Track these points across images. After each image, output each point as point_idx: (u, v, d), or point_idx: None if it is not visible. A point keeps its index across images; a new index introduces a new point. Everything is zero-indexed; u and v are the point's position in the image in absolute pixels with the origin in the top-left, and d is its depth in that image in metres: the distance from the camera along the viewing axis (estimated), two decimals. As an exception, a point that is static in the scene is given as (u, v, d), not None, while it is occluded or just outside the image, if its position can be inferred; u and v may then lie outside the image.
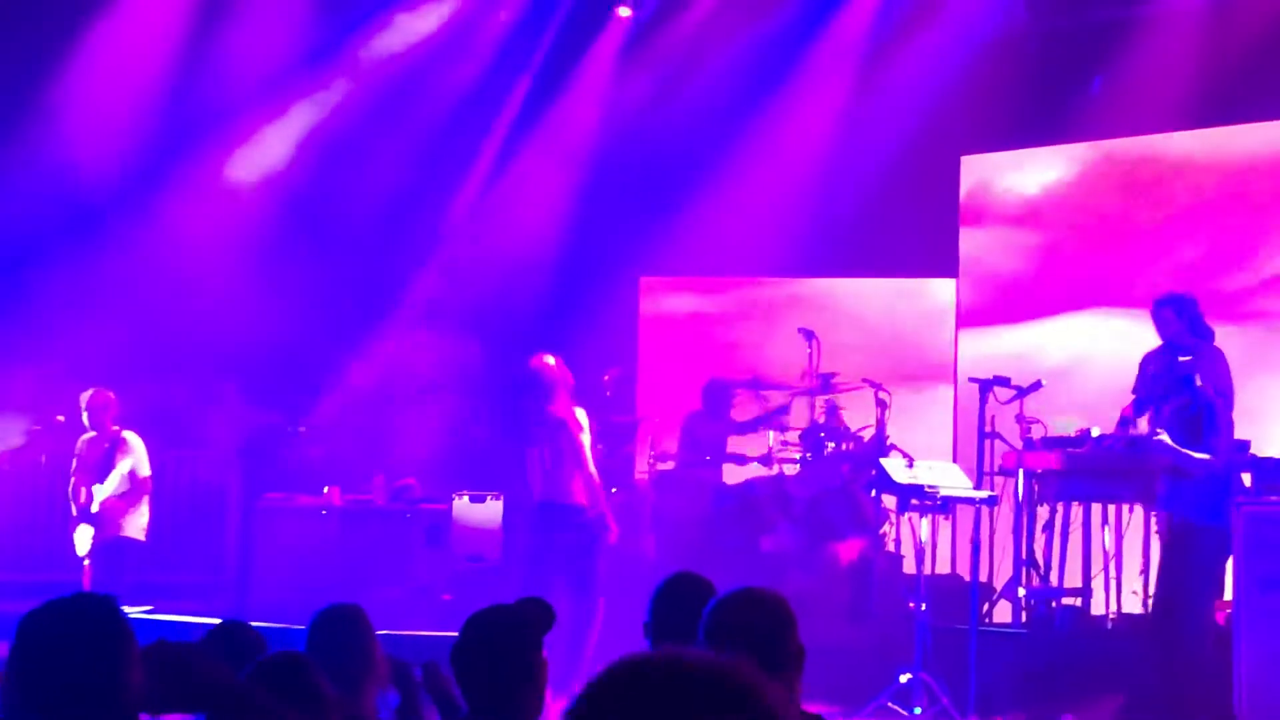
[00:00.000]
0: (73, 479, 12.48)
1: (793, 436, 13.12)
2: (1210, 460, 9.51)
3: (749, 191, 15.38)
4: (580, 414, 11.38)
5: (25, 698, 3.55)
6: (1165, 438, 9.54)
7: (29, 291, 14.33)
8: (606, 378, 14.57)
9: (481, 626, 4.44)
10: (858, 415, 12.70)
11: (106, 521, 12.27)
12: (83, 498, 12.33)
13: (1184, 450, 9.51)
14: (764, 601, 4.16)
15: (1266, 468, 10.30)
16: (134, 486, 12.33)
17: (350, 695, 5.64)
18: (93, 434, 12.46)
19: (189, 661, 3.89)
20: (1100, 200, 14.71)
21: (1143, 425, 11.13)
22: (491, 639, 4.40)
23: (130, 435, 12.40)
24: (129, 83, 14.75)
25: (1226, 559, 9.74)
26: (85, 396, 12.52)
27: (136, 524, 12.36)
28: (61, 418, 13.59)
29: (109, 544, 12.26)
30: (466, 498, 14.06)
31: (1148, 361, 11.42)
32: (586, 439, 11.32)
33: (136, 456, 12.36)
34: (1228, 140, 14.05)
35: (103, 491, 12.30)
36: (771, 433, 13.06)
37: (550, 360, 11.44)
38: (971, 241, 15.41)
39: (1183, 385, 9.57)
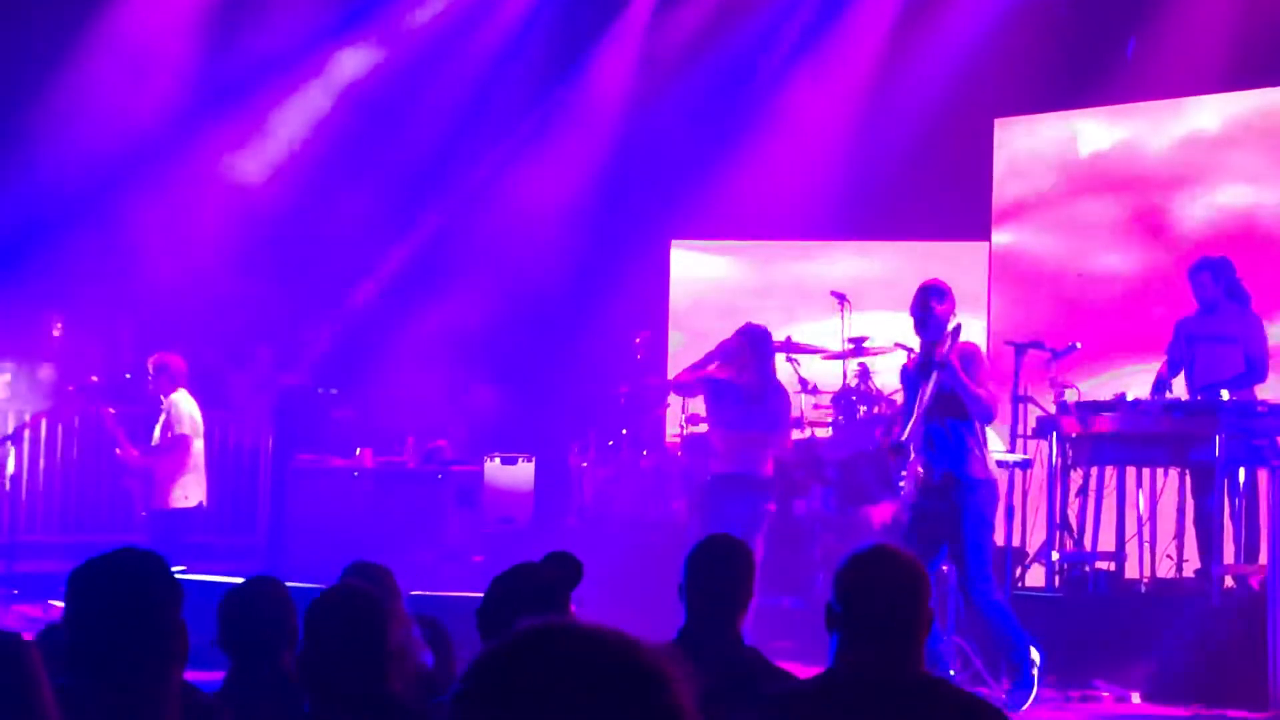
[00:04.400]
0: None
1: (824, 400, 13.09)
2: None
3: (781, 155, 15.33)
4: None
5: (81, 649, 3.61)
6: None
7: (62, 253, 14.36)
8: (638, 341, 14.57)
9: (508, 585, 4.40)
10: (890, 379, 12.66)
11: (157, 487, 12.35)
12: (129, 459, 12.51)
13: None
14: (900, 562, 4.09)
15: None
16: (168, 445, 12.36)
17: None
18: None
19: None
20: (1135, 163, 14.61)
21: (1177, 388, 11.10)
22: (518, 598, 4.36)
23: (175, 396, 12.42)
24: (166, 41, 14.76)
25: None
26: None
27: (184, 489, 12.38)
28: (95, 378, 13.64)
29: (156, 515, 12.34)
30: (498, 460, 14.07)
31: (1183, 325, 11.37)
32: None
33: (171, 416, 12.39)
34: (1266, 102, 13.94)
35: (140, 454, 12.41)
36: (803, 396, 13.02)
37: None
38: (1004, 204, 15.33)
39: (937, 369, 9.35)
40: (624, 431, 14.01)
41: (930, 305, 9.45)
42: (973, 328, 15.19)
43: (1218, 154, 14.13)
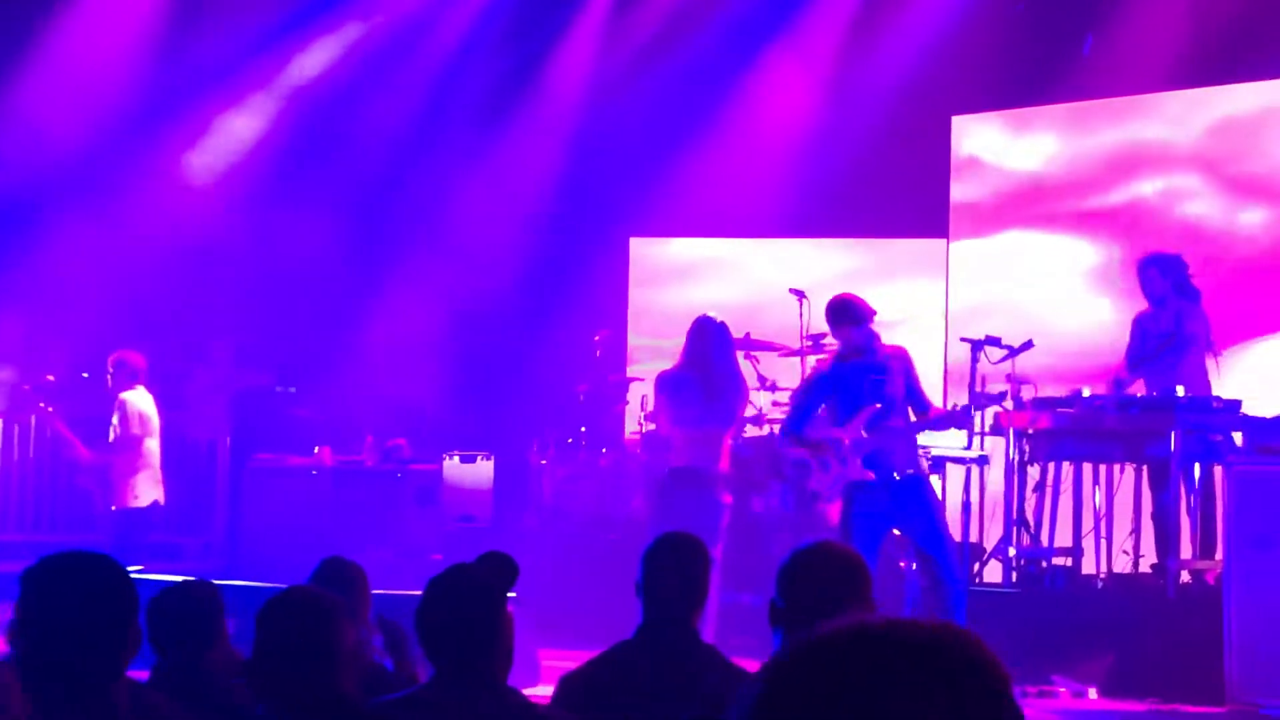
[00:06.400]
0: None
1: (783, 397, 13.11)
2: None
3: (739, 152, 15.34)
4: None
5: (32, 649, 3.60)
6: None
7: (19, 249, 14.29)
8: (597, 339, 14.57)
9: (444, 587, 4.41)
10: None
11: (111, 486, 12.29)
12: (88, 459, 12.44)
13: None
14: (840, 556, 4.13)
15: (1257, 427, 10.31)
16: (119, 444, 12.30)
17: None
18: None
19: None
20: (1093, 160, 14.66)
21: (1136, 385, 11.15)
22: (454, 599, 4.37)
23: (127, 395, 12.36)
24: (122, 37, 14.71)
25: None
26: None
27: (138, 488, 12.31)
28: (52, 377, 13.58)
29: (112, 514, 12.29)
30: (457, 458, 14.06)
31: (1139, 321, 11.43)
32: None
33: (125, 414, 12.33)
34: (1220, 99, 14.01)
35: (91, 452, 12.35)
36: (763, 393, 13.04)
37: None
38: (962, 201, 15.37)
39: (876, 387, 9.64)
40: (583, 429, 14.02)
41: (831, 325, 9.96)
42: (932, 325, 15.27)
43: (1176, 150, 14.19)
